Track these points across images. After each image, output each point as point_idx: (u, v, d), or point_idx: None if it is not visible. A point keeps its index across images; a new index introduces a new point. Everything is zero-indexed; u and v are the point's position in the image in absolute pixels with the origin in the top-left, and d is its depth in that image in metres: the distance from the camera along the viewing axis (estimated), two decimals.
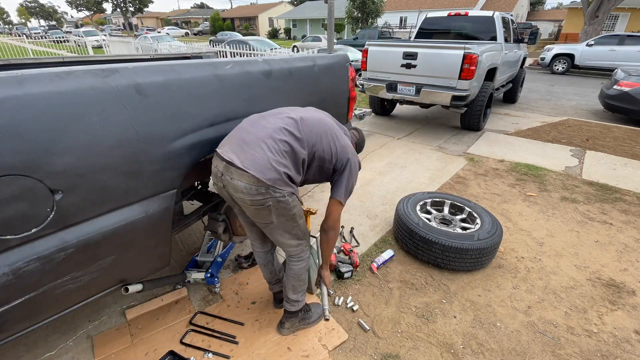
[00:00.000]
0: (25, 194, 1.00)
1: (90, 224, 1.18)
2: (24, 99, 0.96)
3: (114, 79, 1.16)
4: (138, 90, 1.21)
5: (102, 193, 1.18)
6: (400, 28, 28.47)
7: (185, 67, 1.38)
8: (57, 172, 1.04)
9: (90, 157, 1.11)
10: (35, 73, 1.01)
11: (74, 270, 1.19)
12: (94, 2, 51.92)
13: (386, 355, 1.68)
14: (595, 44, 11.66)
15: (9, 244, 1.03)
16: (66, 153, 1.05)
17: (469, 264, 2.17)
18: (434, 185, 3.50)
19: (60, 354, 1.66)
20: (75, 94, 1.06)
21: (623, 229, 2.76)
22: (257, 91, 1.66)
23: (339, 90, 2.24)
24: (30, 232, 1.05)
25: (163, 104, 1.28)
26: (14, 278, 1.04)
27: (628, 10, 19.81)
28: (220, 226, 1.90)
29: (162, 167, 1.32)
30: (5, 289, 1.04)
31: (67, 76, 1.06)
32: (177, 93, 1.32)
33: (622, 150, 4.54)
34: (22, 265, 1.05)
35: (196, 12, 65.49)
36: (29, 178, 0.99)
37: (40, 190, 1.03)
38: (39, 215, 1.05)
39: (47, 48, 12.10)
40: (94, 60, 2.72)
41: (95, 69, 1.13)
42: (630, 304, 2.01)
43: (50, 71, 1.04)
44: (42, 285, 1.13)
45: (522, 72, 7.36)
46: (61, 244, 1.12)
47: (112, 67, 1.18)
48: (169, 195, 1.38)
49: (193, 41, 13.26)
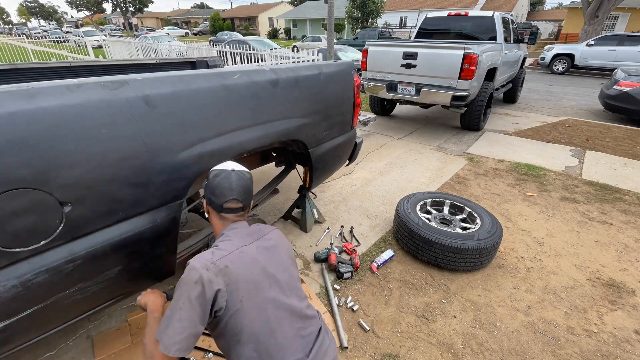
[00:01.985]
0: (35, 207, 1.00)
1: (98, 235, 1.19)
2: (35, 112, 0.96)
3: (123, 91, 1.16)
4: (147, 101, 1.21)
5: (110, 204, 1.18)
6: (400, 28, 28.48)
7: (193, 78, 1.38)
8: (66, 184, 1.05)
9: (99, 169, 1.11)
10: (46, 86, 1.01)
11: (82, 281, 1.20)
12: (94, 2, 51.90)
13: (386, 355, 1.68)
14: (595, 44, 11.67)
15: (18, 257, 1.03)
16: (75, 166, 1.05)
17: (469, 264, 2.17)
18: (434, 185, 3.50)
19: (60, 353, 1.67)
20: (85, 107, 1.06)
21: (623, 229, 2.76)
22: (264, 100, 1.65)
23: (344, 98, 2.24)
24: (40, 244, 1.05)
25: (171, 115, 1.28)
26: (22, 290, 1.04)
27: (628, 10, 19.81)
28: None
29: (169, 177, 1.32)
30: (14, 301, 1.04)
31: (77, 89, 1.07)
32: (185, 104, 1.32)
33: (622, 150, 4.54)
34: (31, 277, 1.05)
35: (196, 12, 65.50)
36: (38, 191, 1.00)
37: (50, 202, 1.03)
38: (48, 228, 1.05)
39: (47, 48, 12.10)
40: (100, 65, 2.71)
41: (105, 81, 1.13)
42: (630, 304, 2.01)
43: (61, 84, 1.05)
44: (50, 296, 1.13)
45: (522, 72, 7.36)
46: (70, 256, 1.12)
47: (122, 78, 1.18)
48: (176, 205, 1.39)
49: (193, 41, 13.26)
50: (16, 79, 2.33)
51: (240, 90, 1.54)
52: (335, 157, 2.40)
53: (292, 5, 46.29)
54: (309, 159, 2.13)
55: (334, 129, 2.23)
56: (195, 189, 1.76)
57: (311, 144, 2.06)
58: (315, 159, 2.15)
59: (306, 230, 2.66)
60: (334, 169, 2.53)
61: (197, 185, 1.76)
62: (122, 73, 2.75)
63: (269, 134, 1.71)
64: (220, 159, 1.51)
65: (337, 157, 2.42)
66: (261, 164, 2.22)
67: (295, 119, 1.86)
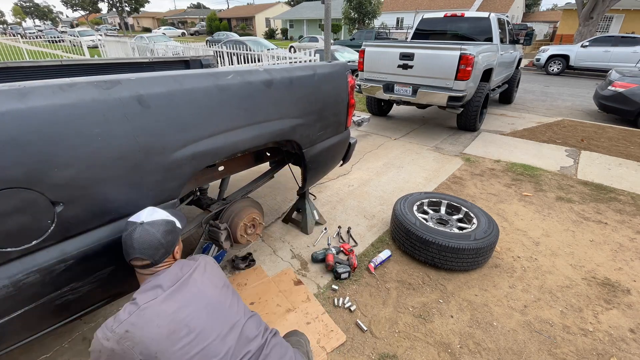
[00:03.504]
0: (26, 207, 1.00)
1: (90, 235, 1.18)
2: (27, 112, 0.95)
3: (117, 90, 1.15)
4: (140, 101, 1.20)
5: (103, 204, 1.17)
6: (397, 29, 28.56)
7: (187, 78, 1.37)
8: (58, 184, 1.04)
9: (91, 169, 1.10)
10: (38, 85, 1.00)
11: (74, 281, 1.19)
12: (89, 2, 51.60)
13: (384, 355, 1.68)
14: (590, 45, 11.78)
15: (9, 256, 1.02)
16: (68, 165, 1.05)
17: (465, 264, 2.18)
18: (430, 186, 3.52)
19: (55, 356, 1.65)
20: (78, 107, 1.05)
21: (618, 229, 2.78)
22: (258, 101, 1.65)
23: (338, 99, 2.24)
24: (31, 244, 1.04)
25: (165, 115, 1.27)
26: (14, 290, 1.03)
27: (622, 12, 20.00)
28: (222, 235, 1.91)
29: (163, 177, 1.31)
30: (5, 301, 1.03)
31: (70, 88, 1.05)
32: (178, 104, 1.32)
33: (616, 151, 4.58)
34: (22, 277, 1.04)
35: (193, 12, 65.28)
36: (30, 191, 0.99)
37: (42, 202, 1.02)
38: (39, 228, 1.05)
39: (42, 48, 12.01)
40: (93, 64, 2.70)
41: (98, 81, 1.12)
42: (625, 303, 2.03)
43: (53, 83, 1.03)
44: (41, 296, 1.12)
45: (517, 72, 7.41)
46: (61, 256, 1.11)
47: (115, 78, 1.17)
48: (170, 205, 1.38)
49: (189, 41, 13.22)
50: (8, 78, 2.30)
51: (234, 90, 1.53)
52: (329, 158, 2.40)
53: (289, 6, 46.28)
54: (303, 159, 2.14)
55: (328, 130, 2.23)
56: (188, 189, 1.76)
57: (305, 144, 2.06)
58: (309, 159, 2.15)
59: (307, 232, 2.65)
60: (327, 169, 2.54)
61: (190, 185, 1.75)
62: (115, 72, 2.74)
63: (263, 134, 1.71)
64: (214, 158, 1.51)
65: (331, 157, 2.43)
66: (255, 163, 2.23)
67: (289, 120, 1.86)
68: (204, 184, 1.90)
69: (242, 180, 3.55)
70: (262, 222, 2.12)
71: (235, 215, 1.99)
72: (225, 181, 2.22)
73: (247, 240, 2.05)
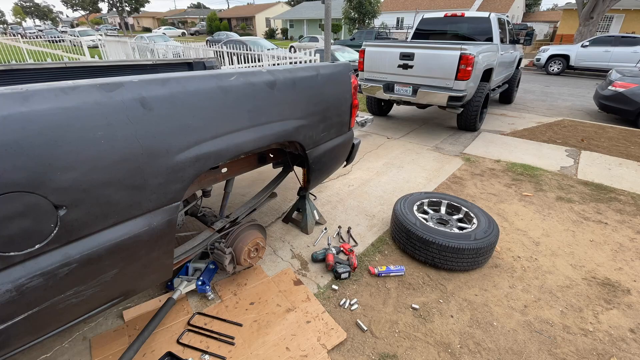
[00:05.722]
0: (29, 211, 0.99)
1: (93, 239, 1.18)
2: (29, 115, 0.95)
3: (119, 93, 1.15)
4: (143, 104, 1.20)
5: (106, 207, 1.17)
6: (397, 29, 28.56)
7: (190, 80, 1.37)
8: (61, 187, 1.03)
9: (94, 172, 1.10)
10: (40, 88, 1.00)
11: (77, 285, 1.19)
12: (89, 2, 51.60)
13: (384, 355, 1.68)
14: (590, 45, 11.78)
15: (12, 261, 1.02)
16: (71, 169, 1.04)
17: (465, 264, 2.18)
18: (430, 186, 3.52)
19: (55, 356, 1.65)
20: (80, 110, 1.05)
21: (618, 229, 2.78)
22: (261, 102, 1.65)
23: (342, 99, 2.24)
24: (34, 248, 1.04)
25: (168, 117, 1.27)
26: (17, 294, 1.03)
27: (622, 12, 20.00)
28: (226, 259, 1.94)
29: (166, 180, 1.31)
30: (8, 306, 1.03)
31: (72, 91, 1.05)
32: (181, 106, 1.31)
33: (616, 150, 4.58)
34: (25, 281, 1.04)
35: (193, 12, 65.27)
36: (33, 194, 0.99)
37: (45, 206, 1.02)
38: (42, 231, 1.04)
39: (42, 48, 12.02)
40: (96, 66, 2.70)
41: (100, 83, 1.12)
42: (625, 303, 2.03)
43: (55, 86, 1.03)
44: (45, 300, 1.12)
45: (517, 72, 7.41)
46: (64, 259, 1.11)
47: (118, 80, 1.17)
48: (173, 207, 1.38)
49: (189, 41, 13.22)
50: (11, 80, 2.31)
51: (237, 91, 1.53)
52: (333, 159, 2.40)
53: (289, 6, 46.27)
54: (306, 161, 2.13)
55: (331, 130, 2.23)
56: (192, 191, 1.76)
57: (308, 145, 2.05)
58: (313, 160, 2.15)
59: (307, 233, 2.65)
60: (331, 170, 2.53)
61: (193, 188, 1.76)
62: (119, 74, 2.74)
63: (266, 135, 1.71)
64: (217, 160, 1.51)
65: (335, 158, 2.42)
66: (258, 165, 2.22)
67: (292, 121, 1.86)
68: (207, 185, 1.90)
69: (243, 180, 3.55)
70: (265, 245, 2.15)
71: (240, 240, 2.02)
72: (229, 183, 2.21)
73: (249, 263, 2.08)
